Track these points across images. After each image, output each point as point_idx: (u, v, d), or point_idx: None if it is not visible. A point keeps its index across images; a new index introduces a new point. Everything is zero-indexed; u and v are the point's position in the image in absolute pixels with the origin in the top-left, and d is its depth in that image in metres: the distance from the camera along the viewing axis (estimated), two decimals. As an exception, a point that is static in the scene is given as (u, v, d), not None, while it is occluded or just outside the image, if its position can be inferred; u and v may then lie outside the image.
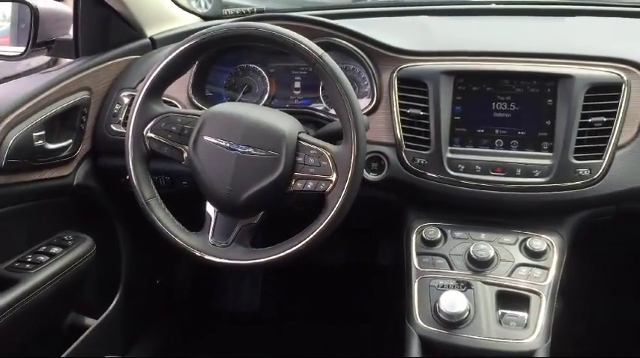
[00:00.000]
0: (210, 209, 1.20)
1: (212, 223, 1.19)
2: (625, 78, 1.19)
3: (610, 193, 1.19)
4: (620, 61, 1.22)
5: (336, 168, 1.11)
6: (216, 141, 1.16)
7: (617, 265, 1.75)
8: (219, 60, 1.48)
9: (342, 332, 1.85)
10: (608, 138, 1.18)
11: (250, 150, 1.14)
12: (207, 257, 1.17)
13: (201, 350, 1.83)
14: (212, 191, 1.16)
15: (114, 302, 1.62)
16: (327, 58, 1.12)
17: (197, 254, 1.17)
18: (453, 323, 1.10)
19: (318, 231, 1.10)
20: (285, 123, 1.16)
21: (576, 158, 1.19)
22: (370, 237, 2.00)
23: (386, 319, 1.33)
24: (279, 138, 1.13)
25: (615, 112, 1.18)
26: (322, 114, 1.37)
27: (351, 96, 1.10)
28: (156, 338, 1.82)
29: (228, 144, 1.15)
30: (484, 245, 1.20)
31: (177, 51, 1.18)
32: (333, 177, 1.11)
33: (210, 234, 1.18)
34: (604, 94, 1.19)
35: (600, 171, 1.18)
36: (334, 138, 1.19)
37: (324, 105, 1.41)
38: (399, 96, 1.29)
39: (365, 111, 1.31)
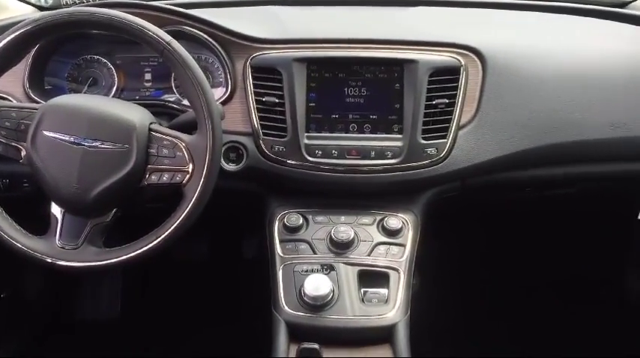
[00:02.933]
0: (55, 209, 1.11)
1: (59, 224, 1.11)
2: (463, 62, 1.28)
3: (455, 170, 1.27)
4: (458, 46, 1.30)
5: (192, 158, 1.08)
6: (58, 136, 1.08)
7: (466, 238, 1.89)
8: (60, 50, 1.38)
9: (209, 330, 1.82)
10: (451, 118, 1.26)
11: (97, 143, 1.07)
12: (55, 261, 1.09)
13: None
14: (57, 190, 1.08)
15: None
16: (176, 44, 1.08)
17: (43, 259, 1.09)
18: (318, 305, 1.12)
19: (176, 225, 1.07)
20: (135, 114, 1.10)
21: (424, 138, 1.25)
22: (234, 230, 1.98)
23: (254, 311, 1.32)
24: (129, 130, 1.07)
25: (456, 94, 1.26)
26: (175, 106, 1.33)
27: (203, 83, 1.08)
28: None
29: (72, 139, 1.07)
30: (344, 227, 1.23)
31: (6, 40, 1.08)
32: (190, 168, 1.08)
33: (58, 236, 1.10)
34: (445, 77, 1.26)
35: (445, 149, 1.26)
36: (189, 128, 1.15)
37: (177, 95, 1.37)
38: (253, 84, 1.28)
39: (220, 101, 1.28)
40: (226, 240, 2.03)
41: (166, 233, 1.07)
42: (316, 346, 1.08)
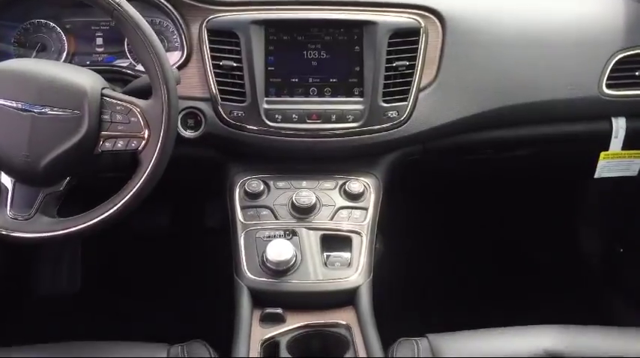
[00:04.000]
0: (5, 179, 1.07)
1: (9, 195, 1.07)
2: (422, 23, 1.26)
3: (416, 133, 1.27)
4: (418, 7, 1.28)
5: (148, 124, 1.05)
6: (5, 103, 1.03)
7: (429, 203, 1.90)
8: (5, 14, 1.30)
9: (173, 303, 1.79)
10: (412, 80, 1.25)
11: (47, 110, 1.03)
12: (8, 233, 1.05)
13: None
14: (6, 159, 1.04)
15: None
16: (126, 4, 1.04)
17: None
18: (281, 271, 1.11)
19: (133, 191, 1.04)
20: (86, 79, 1.06)
21: (385, 101, 1.24)
22: (196, 199, 1.95)
23: (218, 280, 1.30)
24: (80, 95, 1.03)
25: (416, 56, 1.25)
26: (129, 71, 1.28)
27: (156, 46, 1.04)
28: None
29: (20, 105, 1.03)
30: (306, 192, 1.22)
31: None
32: (145, 134, 1.05)
33: (9, 206, 1.07)
34: (405, 39, 1.25)
35: (406, 112, 1.25)
36: (143, 94, 1.11)
37: (130, 60, 1.32)
38: (210, 48, 1.25)
39: (175, 66, 1.25)
40: (188, 210, 2.00)
41: (123, 200, 1.04)
42: (280, 310, 1.07)
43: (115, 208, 1.04)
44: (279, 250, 1.11)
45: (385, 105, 1.24)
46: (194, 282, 1.83)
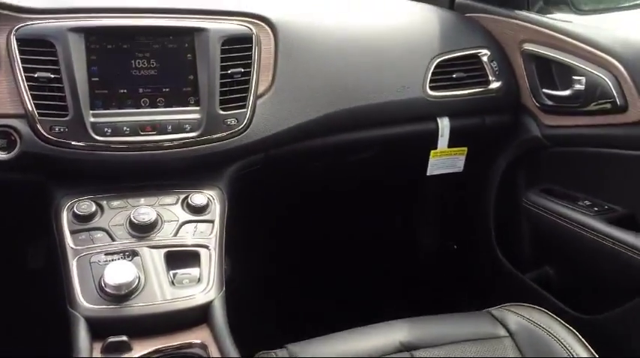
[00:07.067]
0: None
1: None
2: (254, 31, 1.25)
3: (257, 140, 1.24)
4: (249, 15, 1.27)
5: None
6: None
7: (274, 213, 1.88)
8: None
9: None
10: (248, 87, 1.23)
11: None
12: None
13: None
14: None
15: None
16: None
17: None
18: (123, 295, 1.00)
19: None
20: None
21: (222, 109, 1.20)
22: (14, 242, 1.73)
23: (47, 320, 1.15)
24: None
25: (251, 63, 1.23)
26: None
27: None
28: None
29: None
30: (145, 209, 1.13)
31: None
32: None
33: None
34: (238, 46, 1.23)
35: (246, 120, 1.22)
36: None
37: None
38: (21, 59, 1.11)
39: (-20, 79, 1.10)
40: (7, 251, 1.76)
41: None
42: (125, 338, 0.96)
43: None
44: (118, 272, 1.00)
45: (223, 112, 1.20)
46: (21, 327, 1.61)
